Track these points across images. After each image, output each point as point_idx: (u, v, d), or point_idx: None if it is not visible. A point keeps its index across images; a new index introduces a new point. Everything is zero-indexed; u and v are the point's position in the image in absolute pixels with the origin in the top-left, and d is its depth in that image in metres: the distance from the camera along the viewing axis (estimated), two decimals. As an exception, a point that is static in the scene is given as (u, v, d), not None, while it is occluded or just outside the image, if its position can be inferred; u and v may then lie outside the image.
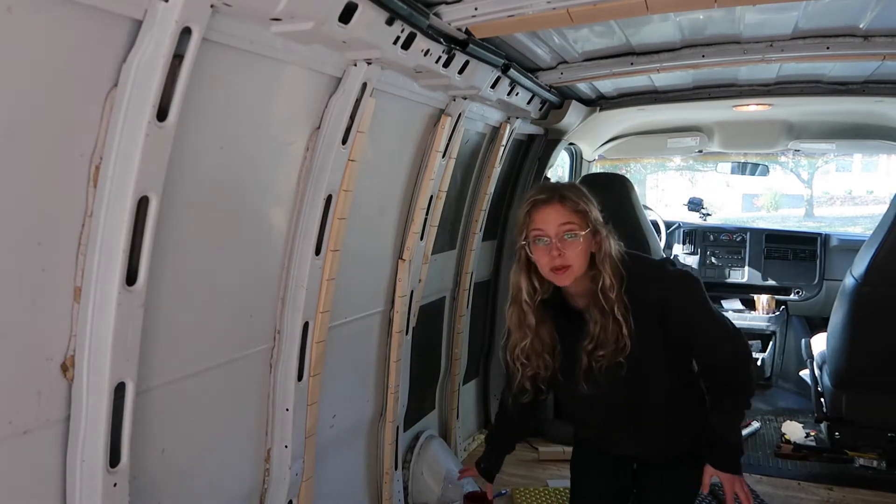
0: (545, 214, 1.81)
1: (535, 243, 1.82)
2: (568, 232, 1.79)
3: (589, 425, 2.20)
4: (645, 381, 1.93)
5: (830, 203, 23.39)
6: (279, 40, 1.70)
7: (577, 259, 1.81)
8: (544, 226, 1.80)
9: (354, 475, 2.85)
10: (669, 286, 1.89)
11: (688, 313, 1.89)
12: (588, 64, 3.15)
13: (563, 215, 1.80)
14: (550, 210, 1.81)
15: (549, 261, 1.80)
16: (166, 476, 1.72)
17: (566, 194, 1.82)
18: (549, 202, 1.81)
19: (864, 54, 2.72)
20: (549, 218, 1.80)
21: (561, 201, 1.81)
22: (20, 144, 1.24)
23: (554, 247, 1.79)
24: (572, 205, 1.81)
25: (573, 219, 1.80)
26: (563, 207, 1.80)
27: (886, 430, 3.48)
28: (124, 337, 1.42)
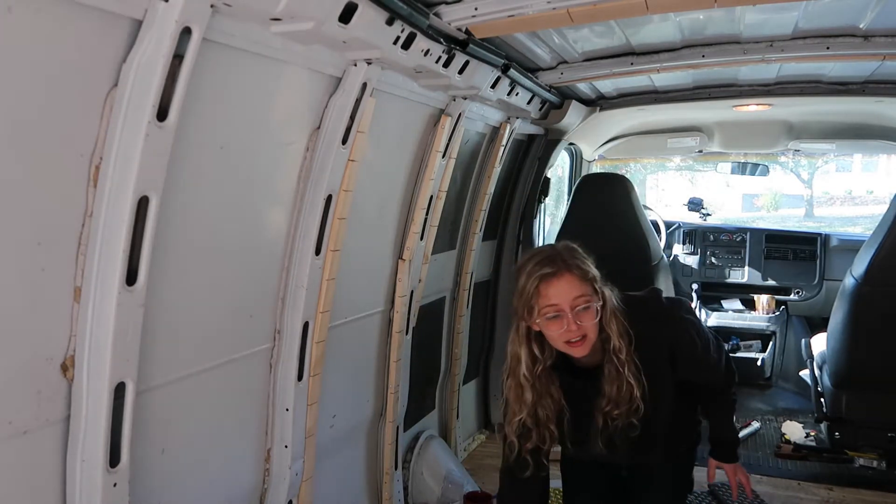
0: (557, 289, 1.74)
1: (548, 318, 1.76)
2: (583, 304, 1.75)
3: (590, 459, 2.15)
4: (655, 420, 1.93)
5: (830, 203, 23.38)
6: (279, 40, 1.70)
7: (594, 329, 1.78)
8: (558, 300, 1.74)
9: (354, 475, 2.85)
10: (675, 329, 1.94)
11: (695, 354, 1.96)
12: (588, 64, 3.15)
13: (576, 287, 1.75)
14: (562, 283, 1.74)
15: (565, 334, 1.76)
16: (166, 476, 1.72)
17: (573, 263, 1.77)
18: (559, 275, 1.75)
19: (864, 54, 2.72)
20: (563, 291, 1.74)
21: (570, 272, 1.75)
22: (20, 144, 1.24)
23: (570, 320, 1.74)
24: (581, 274, 1.76)
25: (585, 290, 1.76)
26: (574, 278, 1.75)
27: (886, 430, 3.48)
28: (124, 337, 1.42)
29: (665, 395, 1.94)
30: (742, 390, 4.87)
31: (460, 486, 3.19)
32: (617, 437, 1.87)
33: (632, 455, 2.03)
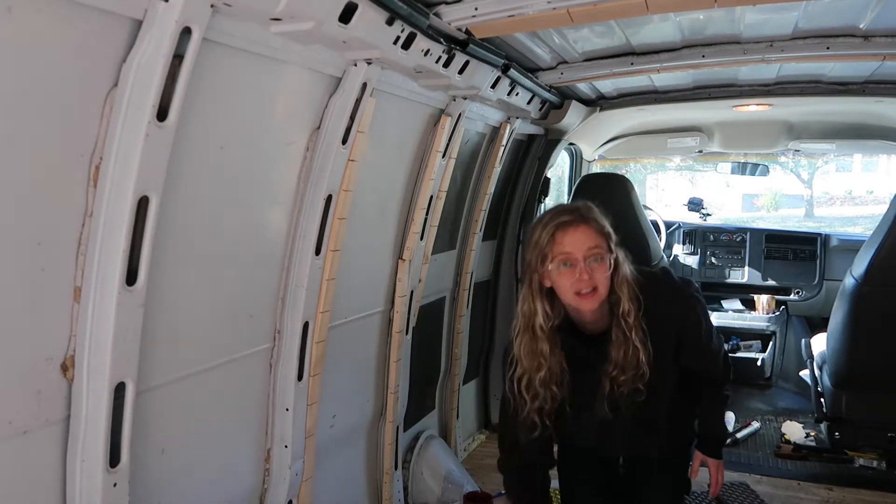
0: (573, 237, 1.75)
1: (560, 267, 1.76)
2: (596, 255, 1.75)
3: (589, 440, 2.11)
4: (657, 400, 1.93)
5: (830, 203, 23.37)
6: (279, 40, 1.70)
7: (603, 282, 1.76)
8: (572, 248, 1.74)
9: (354, 475, 2.85)
10: (686, 308, 1.93)
11: (700, 337, 1.95)
12: (588, 64, 3.15)
13: (591, 238, 1.76)
14: (578, 232, 1.75)
15: (576, 284, 1.74)
16: (166, 476, 1.72)
17: (590, 216, 1.78)
18: (576, 224, 1.76)
19: (864, 54, 2.73)
20: (578, 240, 1.75)
21: (587, 223, 1.77)
22: (20, 144, 1.24)
23: (583, 270, 1.73)
24: (598, 227, 1.77)
25: (600, 241, 1.77)
26: (591, 229, 1.76)
27: (886, 430, 3.48)
28: (124, 337, 1.42)
29: (667, 376, 1.92)
30: (742, 390, 4.89)
31: (460, 486, 3.19)
32: (622, 402, 1.85)
33: (631, 444, 2.03)
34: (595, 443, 2.09)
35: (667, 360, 1.90)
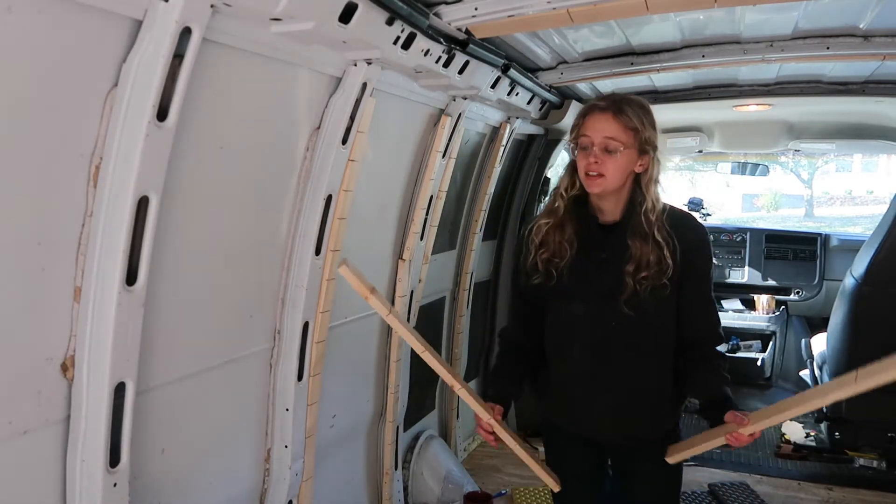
0: (594, 122, 1.81)
1: (580, 147, 1.83)
2: (609, 146, 1.79)
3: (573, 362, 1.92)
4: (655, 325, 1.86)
5: (830, 203, 23.37)
6: (279, 40, 1.70)
7: (613, 173, 1.80)
8: (590, 133, 1.80)
9: (354, 475, 2.85)
10: (703, 241, 1.90)
11: (705, 274, 1.91)
12: (588, 64, 3.15)
13: (611, 129, 1.79)
14: (601, 119, 1.80)
15: (586, 165, 1.80)
16: (166, 476, 1.72)
17: (624, 108, 1.80)
18: (603, 112, 1.81)
19: (864, 54, 2.72)
20: (597, 127, 1.80)
21: (615, 114, 1.79)
22: (20, 144, 1.24)
23: (593, 154, 1.79)
24: (625, 121, 1.79)
25: (620, 135, 1.79)
26: (615, 120, 1.79)
27: (886, 430, 3.48)
28: (124, 337, 1.42)
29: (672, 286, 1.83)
30: (742, 390, 4.89)
31: (460, 486, 3.19)
32: (645, 298, 1.80)
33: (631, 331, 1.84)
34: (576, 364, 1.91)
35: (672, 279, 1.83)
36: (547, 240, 1.90)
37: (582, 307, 1.88)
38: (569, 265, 1.87)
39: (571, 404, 1.98)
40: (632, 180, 1.86)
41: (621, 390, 1.89)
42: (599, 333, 1.87)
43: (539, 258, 1.90)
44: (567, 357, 1.94)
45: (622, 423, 1.93)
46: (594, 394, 1.91)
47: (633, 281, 1.80)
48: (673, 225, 1.84)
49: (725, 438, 1.77)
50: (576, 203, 1.91)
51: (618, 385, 1.89)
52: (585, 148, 1.82)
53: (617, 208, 1.87)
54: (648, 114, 1.86)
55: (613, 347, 1.87)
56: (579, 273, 1.87)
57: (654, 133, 1.85)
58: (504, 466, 3.77)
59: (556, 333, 1.96)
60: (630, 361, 1.87)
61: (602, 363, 1.88)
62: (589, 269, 1.86)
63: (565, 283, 1.87)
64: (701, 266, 1.90)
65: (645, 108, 1.86)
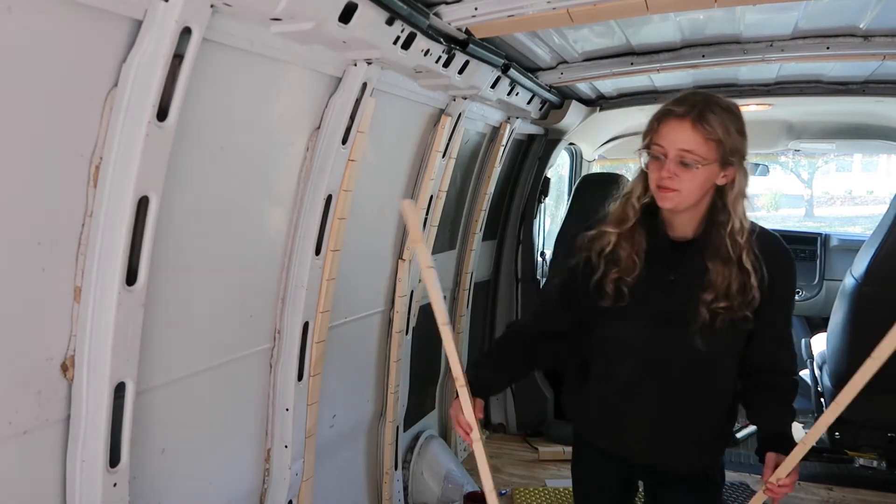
0: (669, 131, 1.57)
1: (651, 156, 1.61)
2: (686, 159, 1.55)
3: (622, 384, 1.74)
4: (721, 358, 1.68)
5: (830, 203, 23.33)
6: (279, 40, 1.70)
7: (690, 189, 1.57)
8: (664, 143, 1.57)
9: (354, 475, 2.85)
10: (789, 265, 1.69)
11: (787, 303, 1.72)
12: (588, 64, 3.15)
13: (688, 140, 1.54)
14: (677, 128, 1.55)
15: (657, 178, 1.58)
16: (166, 476, 1.72)
17: (706, 115, 1.54)
18: (681, 120, 1.55)
19: (864, 54, 2.72)
20: (672, 137, 1.56)
21: (695, 123, 1.54)
22: (20, 144, 1.24)
23: (666, 168, 1.56)
24: (706, 131, 1.54)
25: (699, 148, 1.54)
26: (694, 131, 1.54)
27: (886, 430, 3.47)
28: (124, 337, 1.42)
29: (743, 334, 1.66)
30: (742, 390, 4.89)
31: (460, 486, 3.19)
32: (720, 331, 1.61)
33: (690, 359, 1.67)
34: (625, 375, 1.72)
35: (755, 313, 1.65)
36: (617, 255, 1.67)
37: (639, 329, 1.68)
38: (633, 283, 1.66)
39: (611, 424, 1.79)
40: (712, 193, 1.62)
41: (670, 420, 1.71)
42: (656, 359, 1.68)
43: (609, 279, 1.67)
44: (616, 377, 1.74)
45: (662, 453, 1.76)
46: (638, 419, 1.73)
47: (708, 310, 1.60)
48: (761, 248, 1.62)
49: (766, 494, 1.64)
50: (645, 213, 1.69)
51: (667, 414, 1.71)
52: (658, 158, 1.58)
53: (690, 224, 1.65)
54: (736, 119, 1.60)
55: (670, 375, 1.68)
56: (641, 292, 1.66)
57: (741, 141, 1.59)
58: (504, 466, 3.77)
59: (606, 350, 1.77)
60: (685, 391, 1.69)
61: (654, 390, 1.70)
62: (652, 290, 1.66)
63: (624, 303, 1.67)
64: (785, 294, 1.70)
65: (732, 113, 1.60)
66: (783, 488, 1.60)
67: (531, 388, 4.14)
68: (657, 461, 1.79)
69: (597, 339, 1.78)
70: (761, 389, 1.74)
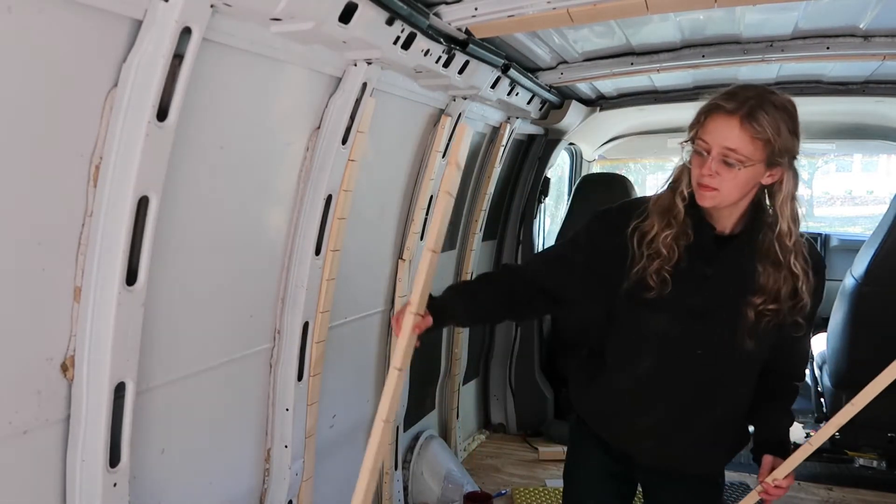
0: (716, 126, 1.50)
1: (695, 151, 1.56)
2: (729, 159, 1.48)
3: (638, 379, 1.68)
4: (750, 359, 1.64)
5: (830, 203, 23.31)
6: (279, 40, 1.70)
7: (731, 189, 1.51)
8: (709, 139, 1.51)
9: (354, 475, 2.83)
10: (823, 270, 1.67)
11: (815, 308, 1.67)
12: (588, 64, 3.15)
13: (735, 139, 1.47)
14: (725, 125, 1.48)
15: (699, 175, 1.53)
16: (166, 476, 1.72)
17: (757, 114, 1.46)
18: (730, 115, 1.48)
19: (864, 54, 2.72)
20: (718, 134, 1.49)
21: (743, 121, 1.46)
22: (20, 144, 1.24)
23: (708, 165, 1.50)
24: (754, 130, 1.46)
25: (745, 147, 1.47)
26: (741, 130, 1.47)
27: (886, 430, 3.47)
28: (124, 337, 1.42)
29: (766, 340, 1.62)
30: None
31: (460, 486, 3.19)
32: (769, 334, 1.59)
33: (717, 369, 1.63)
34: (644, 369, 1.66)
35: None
36: (661, 245, 1.60)
37: (667, 323, 1.62)
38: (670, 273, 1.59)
39: (623, 418, 1.72)
40: (756, 190, 1.57)
41: (687, 421, 1.66)
42: (678, 355, 1.63)
43: (652, 269, 1.59)
44: (634, 370, 1.67)
45: (674, 454, 1.71)
46: (651, 416, 1.67)
47: (755, 312, 1.56)
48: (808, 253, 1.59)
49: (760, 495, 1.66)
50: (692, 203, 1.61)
51: (686, 414, 1.66)
52: (701, 154, 1.53)
53: (731, 219, 1.60)
54: (790, 118, 1.50)
55: (692, 374, 1.63)
56: (675, 286, 1.59)
57: (792, 141, 1.51)
58: (504, 466, 3.77)
59: (629, 341, 1.70)
60: (709, 391, 1.65)
61: (672, 387, 1.65)
62: (686, 283, 1.60)
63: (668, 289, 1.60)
64: (817, 302, 1.67)
65: (787, 112, 1.50)
66: (779, 490, 1.61)
67: (531, 388, 4.14)
68: (666, 462, 1.73)
69: (620, 329, 1.71)
70: (769, 393, 1.72)
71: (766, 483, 1.62)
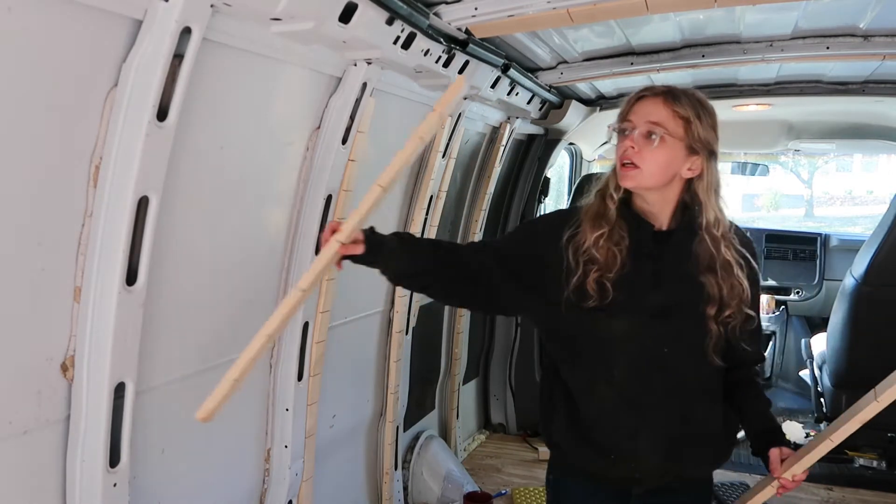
0: (641, 106, 1.56)
1: (619, 132, 1.58)
2: (652, 131, 1.52)
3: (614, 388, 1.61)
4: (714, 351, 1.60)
5: (830, 203, 23.35)
6: (279, 40, 1.70)
7: (651, 165, 1.52)
8: (635, 117, 1.55)
9: (354, 475, 2.85)
10: (755, 254, 1.67)
11: (756, 293, 1.66)
12: (588, 64, 3.15)
13: (658, 113, 1.53)
14: (649, 103, 1.55)
15: (621, 153, 1.55)
16: (166, 476, 1.72)
17: (678, 95, 1.54)
18: (654, 97, 1.55)
19: (864, 54, 2.72)
20: (643, 111, 1.55)
21: (667, 99, 1.53)
22: (20, 144, 1.24)
23: (630, 138, 1.53)
24: (678, 111, 1.52)
25: (668, 122, 1.52)
26: (665, 106, 1.53)
27: (886, 431, 3.48)
28: (124, 337, 1.42)
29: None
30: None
31: (460, 486, 3.19)
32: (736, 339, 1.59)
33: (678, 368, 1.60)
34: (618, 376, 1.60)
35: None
36: (597, 253, 1.57)
37: (630, 325, 1.58)
38: (617, 277, 1.56)
39: (607, 438, 1.63)
40: (682, 187, 1.58)
41: (674, 420, 1.61)
42: (647, 357, 1.59)
43: (591, 279, 1.56)
44: (606, 381, 1.61)
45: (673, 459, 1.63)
46: (639, 424, 1.61)
47: (717, 323, 1.56)
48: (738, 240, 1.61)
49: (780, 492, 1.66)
50: (623, 206, 1.61)
51: (670, 414, 1.61)
52: (625, 132, 1.56)
53: (664, 212, 1.60)
54: (709, 114, 1.57)
55: (665, 373, 1.59)
56: (627, 287, 1.56)
57: (711, 134, 1.56)
58: (504, 466, 3.78)
59: (591, 354, 1.63)
60: (685, 383, 1.62)
61: (650, 390, 1.60)
62: (637, 284, 1.57)
63: (610, 298, 1.56)
64: (755, 281, 1.66)
65: (706, 108, 1.57)
66: (795, 483, 1.63)
67: (531, 387, 4.13)
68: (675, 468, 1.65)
69: (579, 343, 1.65)
70: (743, 385, 1.71)
71: (783, 479, 1.62)
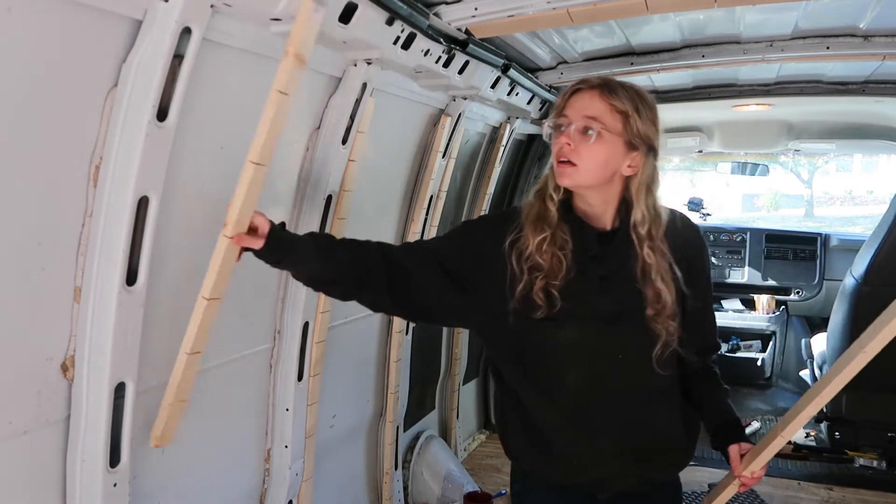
0: (578, 100, 1.49)
1: (555, 128, 1.51)
2: (589, 126, 1.46)
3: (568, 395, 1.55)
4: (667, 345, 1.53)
5: (830, 203, 23.38)
6: (279, 40, 1.69)
7: (588, 162, 1.46)
8: (570, 112, 1.48)
9: (354, 475, 2.85)
10: (699, 236, 1.63)
11: (708, 275, 1.63)
12: (588, 64, 3.15)
13: (595, 107, 1.46)
14: (586, 97, 1.48)
15: (558, 151, 1.49)
16: (166, 476, 1.72)
17: (615, 88, 1.47)
18: (589, 90, 1.48)
19: (864, 54, 2.72)
20: (579, 105, 1.48)
21: (603, 92, 1.47)
22: (20, 144, 1.24)
23: (566, 134, 1.47)
24: (613, 101, 1.46)
25: (605, 117, 1.46)
26: (601, 99, 1.46)
27: (886, 430, 3.48)
28: (124, 337, 1.42)
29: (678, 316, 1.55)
30: (742, 390, 4.89)
31: (460, 486, 3.19)
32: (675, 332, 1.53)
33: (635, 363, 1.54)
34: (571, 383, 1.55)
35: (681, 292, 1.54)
36: (542, 258, 1.50)
37: (582, 333, 1.53)
38: (563, 284, 1.49)
39: (566, 448, 1.58)
40: (623, 185, 1.53)
41: (632, 424, 1.56)
42: (605, 362, 1.54)
43: (538, 287, 1.49)
44: (559, 391, 1.55)
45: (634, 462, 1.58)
46: (596, 431, 1.55)
47: (664, 327, 1.50)
48: (667, 230, 1.54)
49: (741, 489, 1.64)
50: (564, 208, 1.55)
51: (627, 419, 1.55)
52: (560, 128, 1.49)
53: (607, 212, 1.55)
54: (647, 105, 1.52)
55: (619, 378, 1.55)
56: (575, 293, 1.50)
57: (651, 129, 1.52)
58: (504, 466, 3.77)
59: (541, 365, 1.57)
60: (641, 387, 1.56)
61: (605, 393, 1.55)
62: (585, 289, 1.52)
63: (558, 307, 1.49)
64: (704, 267, 1.63)
65: (644, 97, 1.52)
66: (754, 479, 1.61)
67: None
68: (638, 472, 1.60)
69: (529, 357, 1.58)
70: (700, 376, 1.66)
71: (744, 477, 1.60)
